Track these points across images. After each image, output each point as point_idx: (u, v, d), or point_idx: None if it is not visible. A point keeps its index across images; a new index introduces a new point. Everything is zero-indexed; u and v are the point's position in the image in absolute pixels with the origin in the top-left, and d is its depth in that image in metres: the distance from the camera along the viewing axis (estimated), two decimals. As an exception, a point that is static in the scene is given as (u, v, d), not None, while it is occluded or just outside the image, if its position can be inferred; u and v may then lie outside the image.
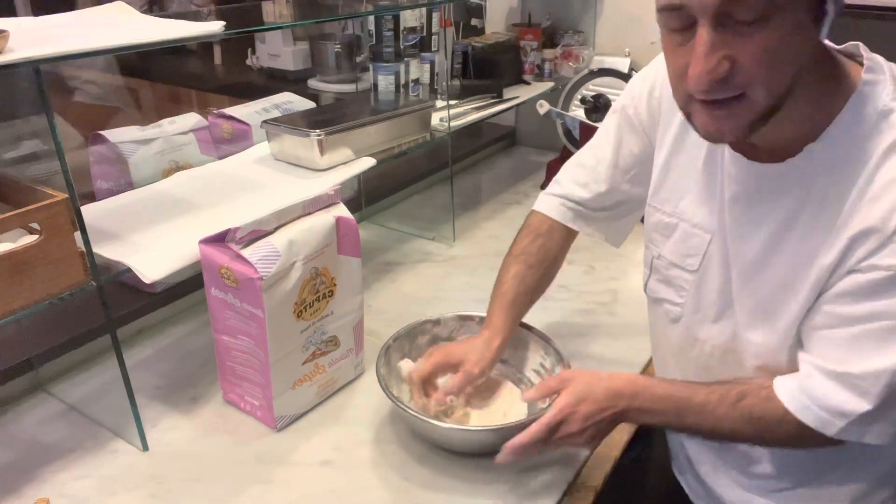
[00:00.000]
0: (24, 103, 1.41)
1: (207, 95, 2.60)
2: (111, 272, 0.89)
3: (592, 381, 0.83)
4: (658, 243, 0.91)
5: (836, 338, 0.72)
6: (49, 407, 1.05)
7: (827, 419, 0.73)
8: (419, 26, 1.64)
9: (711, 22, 0.60)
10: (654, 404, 0.82)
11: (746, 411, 0.77)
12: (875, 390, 0.69)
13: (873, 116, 0.67)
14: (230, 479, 0.91)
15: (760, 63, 0.62)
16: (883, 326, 0.68)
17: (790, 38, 0.61)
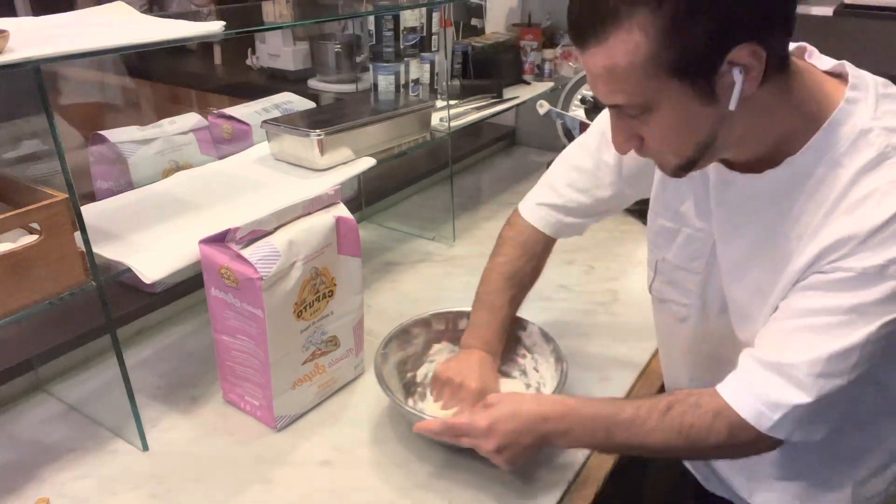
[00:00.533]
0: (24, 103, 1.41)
1: (207, 95, 2.60)
2: (111, 272, 0.89)
3: (518, 403, 0.84)
4: (662, 247, 0.92)
5: (781, 329, 0.73)
6: (49, 407, 1.05)
7: (762, 411, 0.72)
8: (419, 26, 1.64)
9: (611, 112, 0.71)
10: (581, 424, 0.81)
11: (676, 420, 0.76)
12: (809, 381, 0.69)
13: (852, 134, 0.68)
14: (230, 479, 0.91)
15: (659, 141, 0.70)
16: (827, 321, 0.69)
17: (679, 121, 0.67)
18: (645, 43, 0.62)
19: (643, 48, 0.62)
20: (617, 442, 0.80)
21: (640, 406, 0.79)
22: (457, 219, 1.65)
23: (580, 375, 1.10)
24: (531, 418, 0.81)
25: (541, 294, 1.34)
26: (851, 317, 0.68)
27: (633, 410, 0.79)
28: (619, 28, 0.62)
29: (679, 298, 0.92)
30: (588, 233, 1.06)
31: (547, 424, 0.81)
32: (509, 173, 2.07)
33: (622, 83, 0.65)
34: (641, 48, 0.62)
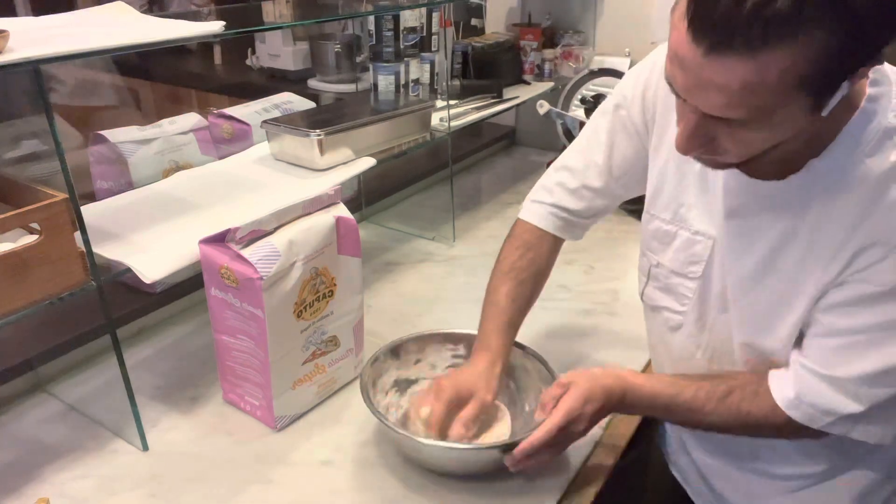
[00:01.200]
0: (24, 103, 1.41)
1: (207, 95, 2.60)
2: (111, 272, 0.89)
3: (591, 380, 0.83)
4: (657, 251, 0.89)
5: (826, 346, 0.74)
6: (49, 407, 1.05)
7: (815, 415, 0.75)
8: (419, 26, 1.64)
9: (699, 114, 0.62)
10: (642, 401, 0.83)
11: (734, 407, 0.79)
12: (862, 392, 0.72)
13: (877, 134, 0.65)
14: (230, 479, 0.91)
15: (740, 147, 0.64)
16: (871, 338, 0.70)
17: (777, 131, 0.62)
18: (805, 63, 0.53)
19: (801, 66, 0.54)
20: (675, 419, 0.84)
21: (699, 389, 0.80)
22: (457, 219, 1.65)
23: (580, 375, 1.10)
24: (603, 393, 0.82)
25: (541, 294, 1.34)
26: (892, 332, 0.69)
27: (692, 394, 0.80)
28: (787, 41, 0.52)
29: (673, 305, 0.89)
30: (588, 233, 1.05)
31: (613, 398, 0.82)
32: (509, 173, 2.07)
33: (752, 99, 0.56)
34: (800, 66, 0.54)
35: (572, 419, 0.81)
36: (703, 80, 0.58)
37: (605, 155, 0.93)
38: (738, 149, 0.65)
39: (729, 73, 0.55)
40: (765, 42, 0.53)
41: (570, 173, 0.98)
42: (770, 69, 0.54)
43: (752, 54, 0.53)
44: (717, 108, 0.59)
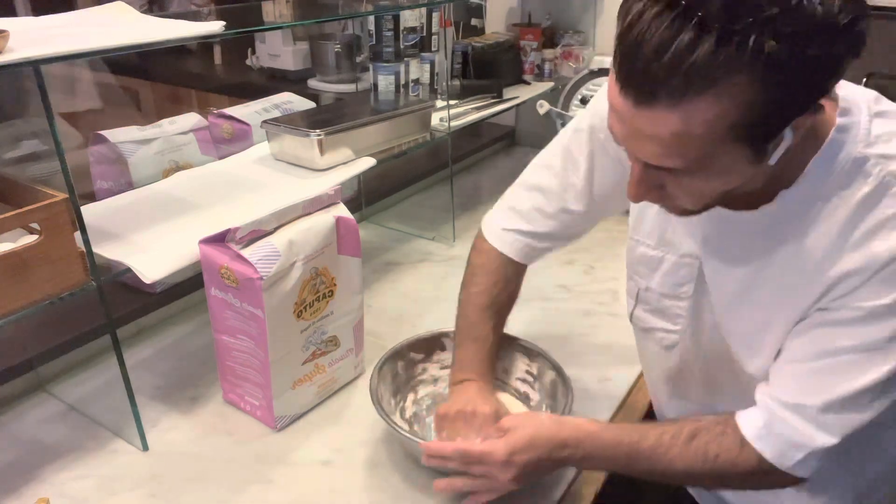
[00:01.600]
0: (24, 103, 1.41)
1: (207, 95, 2.59)
2: (111, 272, 0.89)
3: (536, 428, 0.79)
4: (644, 276, 0.88)
5: (795, 372, 0.71)
6: (49, 407, 1.05)
7: (785, 450, 0.72)
8: (419, 26, 1.64)
9: (641, 165, 0.63)
10: (603, 451, 0.79)
11: (701, 450, 0.74)
12: (830, 420, 0.69)
13: (846, 164, 0.65)
14: (230, 479, 0.91)
15: (691, 195, 0.65)
16: (839, 361, 0.68)
17: (720, 179, 0.61)
18: (732, 111, 0.53)
19: (729, 117, 0.53)
20: (639, 469, 0.78)
21: (663, 433, 0.76)
22: (457, 219, 1.65)
23: (580, 375, 1.10)
24: (550, 445, 0.78)
25: (541, 294, 1.34)
26: (864, 356, 0.66)
27: (656, 438, 0.76)
28: (708, 93, 0.52)
29: (666, 326, 0.89)
30: (588, 233, 1.05)
31: (565, 451, 0.78)
32: (509, 173, 2.04)
33: (684, 149, 0.57)
34: (728, 117, 0.53)
35: (489, 462, 0.78)
36: (636, 131, 0.58)
37: (585, 178, 0.90)
38: (688, 197, 0.65)
39: (657, 124, 0.56)
40: (686, 92, 0.52)
41: (544, 196, 0.94)
42: (695, 118, 0.54)
43: (676, 104, 0.53)
44: (654, 158, 0.60)
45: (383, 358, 0.99)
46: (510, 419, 0.82)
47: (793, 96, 0.54)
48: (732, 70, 0.51)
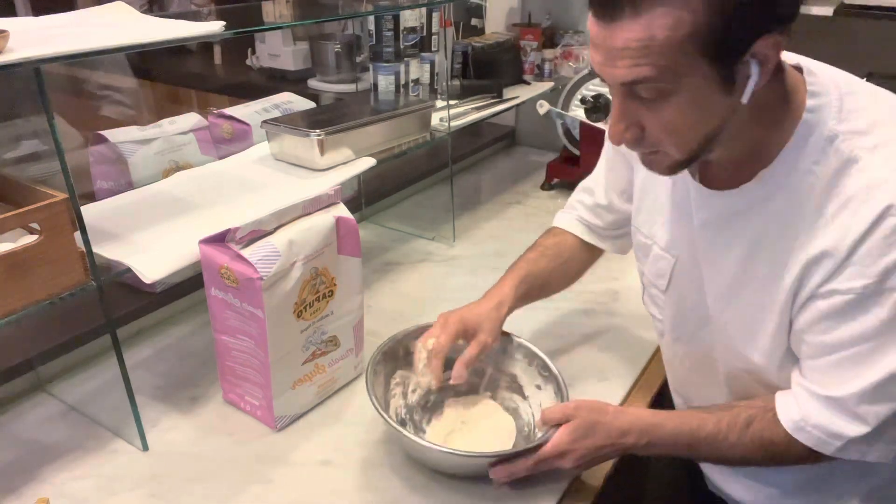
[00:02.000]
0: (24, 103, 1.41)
1: (207, 95, 2.60)
2: (111, 272, 0.89)
3: (596, 419, 0.82)
4: (641, 261, 0.96)
5: (817, 366, 0.73)
6: (49, 407, 1.05)
7: (823, 439, 0.74)
8: (419, 26, 1.64)
9: (620, 95, 0.67)
10: (664, 440, 0.81)
11: (757, 437, 0.77)
12: (863, 410, 0.70)
13: (819, 142, 0.68)
14: (230, 479, 0.91)
15: (665, 131, 0.68)
16: (858, 351, 0.69)
17: (694, 109, 0.65)
18: (689, 19, 0.59)
19: (686, 23, 0.59)
20: (699, 456, 0.82)
21: (720, 420, 0.79)
22: (457, 219, 1.65)
23: (580, 375, 1.10)
24: (612, 433, 0.81)
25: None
26: (877, 342, 0.67)
27: (714, 425, 0.78)
28: (663, 2, 0.59)
29: (655, 313, 0.96)
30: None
31: (627, 438, 0.81)
32: (509, 173, 2.07)
33: (654, 57, 0.61)
34: (684, 23, 0.60)
35: (559, 453, 0.82)
36: (610, 50, 0.63)
37: (605, 175, 1.02)
38: (668, 136, 0.68)
39: (626, 36, 0.62)
40: (640, 6, 0.60)
41: (586, 193, 1.07)
42: (655, 24, 0.60)
43: (638, 15, 0.60)
44: (626, 72, 0.63)
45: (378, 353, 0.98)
46: (573, 408, 0.84)
47: (743, 12, 0.60)
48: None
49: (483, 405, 1.02)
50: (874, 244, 0.64)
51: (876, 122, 0.67)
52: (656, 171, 0.75)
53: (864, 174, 0.65)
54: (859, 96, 0.70)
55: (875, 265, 0.64)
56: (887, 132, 0.67)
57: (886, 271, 0.64)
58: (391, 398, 1.00)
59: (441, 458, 0.88)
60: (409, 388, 1.02)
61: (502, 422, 0.99)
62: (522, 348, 1.02)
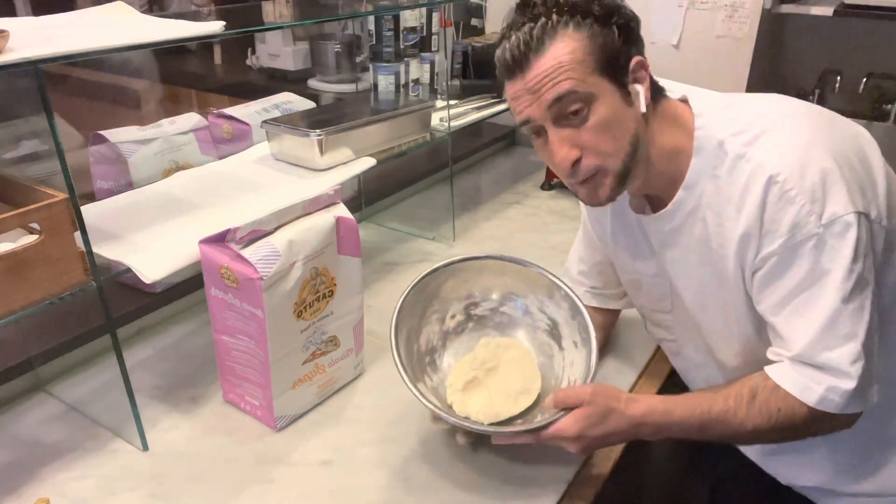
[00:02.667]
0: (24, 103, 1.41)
1: (207, 95, 2.60)
2: (111, 272, 0.89)
3: (611, 407, 0.83)
4: (635, 296, 1.04)
5: (776, 329, 0.80)
6: (49, 407, 1.05)
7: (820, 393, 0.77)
8: (419, 26, 1.64)
9: (553, 124, 0.80)
10: (674, 425, 0.83)
11: (764, 406, 0.80)
12: (823, 359, 0.76)
13: (713, 150, 0.81)
14: (230, 479, 0.91)
15: (598, 139, 0.79)
16: (797, 303, 0.77)
17: (611, 116, 0.79)
18: (579, 46, 0.77)
19: (579, 50, 0.77)
20: (711, 435, 0.83)
21: (726, 397, 0.82)
22: (457, 219, 1.65)
23: (580, 375, 1.10)
24: (622, 423, 0.83)
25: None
26: (812, 287, 0.76)
27: (723, 403, 0.82)
28: (555, 40, 0.77)
29: (666, 336, 1.02)
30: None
31: (639, 428, 0.84)
32: (509, 173, 2.07)
33: (567, 73, 0.76)
34: (578, 49, 0.77)
35: (569, 437, 0.83)
36: (532, 89, 0.79)
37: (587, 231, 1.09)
38: (599, 142, 0.79)
39: (539, 70, 0.78)
40: (543, 45, 0.78)
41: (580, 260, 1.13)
42: (560, 53, 0.77)
43: (543, 52, 0.77)
44: (551, 91, 0.77)
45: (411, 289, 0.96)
46: (589, 393, 0.85)
47: (613, 41, 0.78)
48: (564, 25, 0.77)
49: (516, 353, 0.99)
50: (771, 211, 0.75)
51: (749, 122, 0.80)
52: (600, 197, 0.83)
53: (749, 164, 0.77)
54: (735, 106, 0.83)
55: (780, 225, 0.75)
56: (758, 126, 0.79)
57: (791, 227, 0.74)
58: (425, 325, 0.99)
59: None
60: (447, 314, 1.02)
61: (528, 381, 0.96)
62: (569, 299, 0.98)
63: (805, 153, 0.75)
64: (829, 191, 0.74)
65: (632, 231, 0.96)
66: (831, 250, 0.74)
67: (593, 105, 0.78)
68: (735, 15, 1.75)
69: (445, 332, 1.01)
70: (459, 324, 1.03)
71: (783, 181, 0.75)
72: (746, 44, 1.75)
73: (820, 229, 0.74)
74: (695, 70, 1.82)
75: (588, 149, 0.80)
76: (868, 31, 1.94)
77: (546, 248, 1.54)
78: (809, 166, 0.74)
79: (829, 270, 0.74)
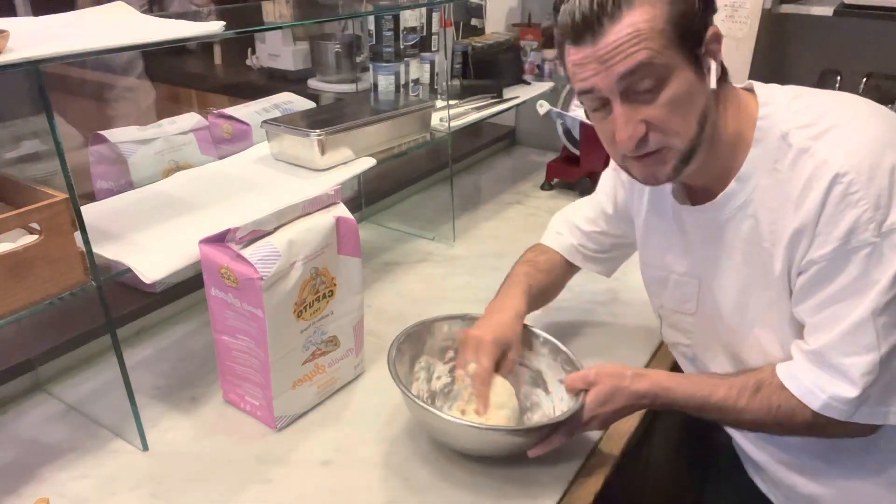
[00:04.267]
0: (24, 103, 1.41)
1: (207, 95, 2.60)
2: (111, 272, 0.89)
3: (616, 385, 0.87)
4: (657, 294, 1.01)
5: (808, 328, 0.79)
6: (49, 407, 1.05)
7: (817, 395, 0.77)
8: (419, 26, 1.64)
9: (620, 98, 0.75)
10: (676, 403, 0.87)
11: (766, 402, 0.81)
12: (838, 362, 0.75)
13: (775, 142, 0.78)
14: (230, 479, 0.91)
15: (667, 117, 0.75)
16: (835, 308, 0.75)
17: (684, 93, 0.74)
18: (659, 14, 0.71)
19: (658, 18, 0.71)
20: (710, 418, 0.86)
21: (731, 386, 0.83)
22: (457, 219, 1.65)
23: (580, 375, 1.10)
24: (630, 397, 0.87)
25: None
26: (852, 294, 0.74)
27: (725, 391, 0.83)
28: (633, 4, 0.71)
29: (682, 340, 1.00)
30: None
31: (643, 400, 0.88)
32: (509, 173, 2.07)
33: (644, 42, 0.71)
34: (657, 17, 0.71)
35: (586, 421, 0.88)
36: (602, 59, 0.73)
37: (613, 204, 1.06)
38: (666, 120, 0.75)
39: (614, 37, 0.72)
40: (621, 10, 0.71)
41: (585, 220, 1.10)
42: (637, 20, 0.71)
43: (619, 19, 0.71)
44: (624, 63, 0.72)
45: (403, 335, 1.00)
46: (594, 374, 0.89)
47: (694, 6, 0.73)
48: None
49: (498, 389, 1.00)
50: (830, 211, 0.72)
51: (817, 115, 0.77)
52: (660, 176, 0.80)
53: (814, 159, 0.74)
54: (803, 98, 0.80)
55: (836, 229, 0.72)
56: (827, 121, 0.76)
57: (848, 232, 0.72)
58: (414, 381, 1.01)
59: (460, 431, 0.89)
60: (433, 374, 1.03)
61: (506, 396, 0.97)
62: (549, 344, 1.02)
63: (876, 154, 0.72)
64: (895, 198, 0.70)
65: (668, 223, 0.93)
66: (884, 261, 0.71)
67: (667, 80, 0.73)
68: (735, 15, 1.75)
69: (433, 392, 1.03)
70: (446, 385, 1.04)
71: (849, 182, 0.71)
72: (746, 44, 1.75)
73: (877, 238, 0.71)
74: (695, 70, 1.82)
75: (656, 126, 0.75)
76: (868, 31, 1.94)
77: (546, 248, 1.54)
78: (879, 169, 0.71)
79: (877, 281, 0.72)
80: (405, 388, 0.90)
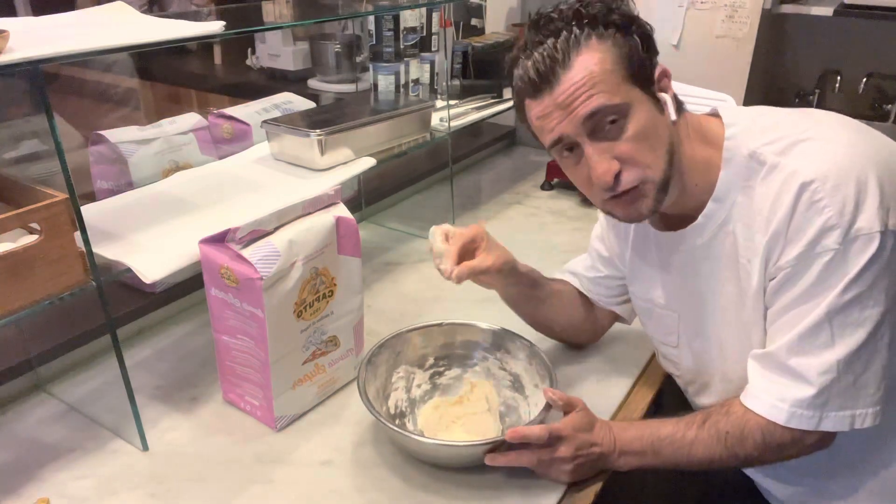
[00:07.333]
0: (24, 103, 1.41)
1: (207, 95, 2.60)
2: (111, 272, 0.89)
3: (595, 418, 0.89)
4: (645, 325, 1.03)
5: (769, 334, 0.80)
6: (49, 407, 1.05)
7: (776, 404, 0.78)
8: (419, 26, 1.64)
9: (589, 138, 0.77)
10: (630, 445, 0.87)
11: (713, 429, 0.82)
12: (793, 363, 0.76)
13: (743, 160, 0.80)
14: (230, 479, 0.91)
15: (637, 151, 0.77)
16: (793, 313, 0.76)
17: (649, 125, 0.77)
18: (606, 57, 0.75)
19: (607, 59, 0.75)
20: (665, 457, 0.85)
21: (678, 421, 0.85)
22: (457, 219, 1.65)
23: (580, 376, 1.10)
24: (605, 435, 0.88)
25: (541, 294, 1.34)
26: (809, 299, 0.75)
27: (672, 426, 0.85)
28: (581, 52, 0.75)
29: (673, 370, 1.01)
30: (588, 234, 1.07)
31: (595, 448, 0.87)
32: (509, 173, 2.07)
33: (600, 85, 0.75)
34: (606, 59, 0.75)
35: (566, 435, 0.86)
36: (562, 105, 0.76)
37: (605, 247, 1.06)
38: (640, 145, 0.77)
39: (570, 83, 0.75)
40: (569, 59, 0.75)
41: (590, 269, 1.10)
42: (589, 64, 0.75)
43: (570, 66, 0.75)
44: (585, 105, 0.75)
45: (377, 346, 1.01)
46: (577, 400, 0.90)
47: (638, 48, 0.77)
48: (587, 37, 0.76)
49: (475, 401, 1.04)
50: (798, 219, 0.74)
51: (783, 133, 0.79)
52: (643, 210, 0.81)
53: (783, 172, 0.76)
54: (767, 116, 0.83)
55: (804, 235, 0.74)
56: (793, 136, 0.78)
57: (813, 238, 0.73)
58: (392, 391, 1.01)
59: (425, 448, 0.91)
60: (413, 382, 1.04)
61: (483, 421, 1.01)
62: (525, 348, 1.02)
63: (843, 163, 0.73)
64: (861, 205, 0.71)
65: (651, 256, 0.95)
66: (845, 265, 0.72)
67: (629, 115, 0.76)
68: (735, 15, 1.75)
69: (412, 400, 1.04)
70: (426, 392, 1.05)
71: (814, 189, 0.72)
72: (746, 44, 1.75)
73: (840, 245, 0.72)
74: (695, 70, 1.82)
75: (627, 161, 0.77)
76: (868, 31, 1.94)
77: (546, 248, 1.54)
78: (846, 177, 0.72)
79: (835, 285, 0.73)
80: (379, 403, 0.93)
